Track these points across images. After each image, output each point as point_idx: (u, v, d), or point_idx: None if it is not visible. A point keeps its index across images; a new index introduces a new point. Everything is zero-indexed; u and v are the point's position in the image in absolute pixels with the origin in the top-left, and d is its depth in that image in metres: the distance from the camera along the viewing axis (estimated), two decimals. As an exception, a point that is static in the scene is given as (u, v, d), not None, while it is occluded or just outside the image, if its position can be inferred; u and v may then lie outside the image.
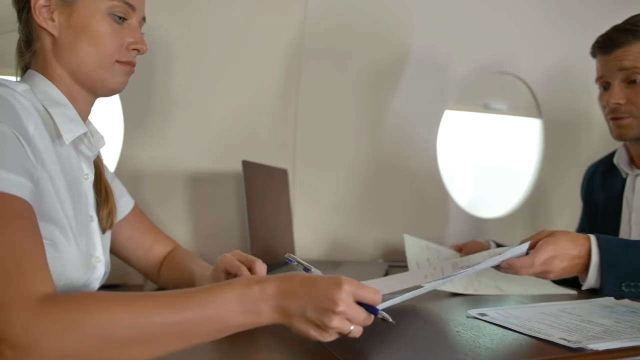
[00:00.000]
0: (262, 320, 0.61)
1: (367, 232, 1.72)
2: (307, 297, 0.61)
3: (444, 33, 1.71)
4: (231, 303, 0.60)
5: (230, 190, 1.52)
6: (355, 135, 1.69)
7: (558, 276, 0.90)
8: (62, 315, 0.54)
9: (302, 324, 0.61)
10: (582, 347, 0.66)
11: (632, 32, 1.12)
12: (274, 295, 0.61)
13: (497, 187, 2.02)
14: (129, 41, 0.86)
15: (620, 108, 1.14)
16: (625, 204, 1.22)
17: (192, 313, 0.58)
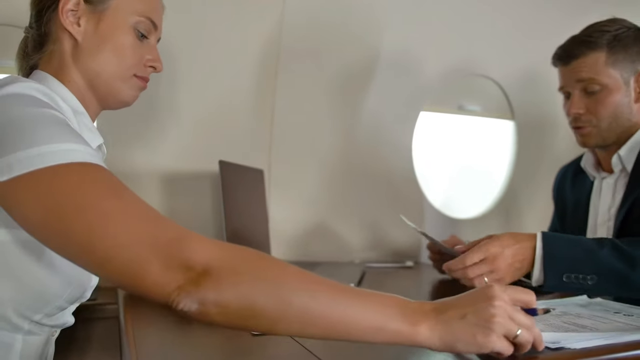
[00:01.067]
0: (420, 333, 0.59)
1: (343, 233, 1.72)
2: (464, 303, 0.61)
3: (419, 36, 1.73)
4: (393, 307, 0.60)
5: (206, 190, 1.51)
6: (331, 135, 1.69)
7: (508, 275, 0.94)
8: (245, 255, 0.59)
9: (465, 330, 0.59)
10: (562, 346, 0.67)
11: (587, 43, 1.14)
12: (430, 311, 0.60)
13: (471, 188, 2.05)
14: (148, 58, 0.87)
15: (581, 118, 1.17)
16: (592, 207, 1.25)
17: (358, 305, 0.58)
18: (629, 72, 1.14)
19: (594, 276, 0.90)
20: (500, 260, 0.93)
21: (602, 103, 1.14)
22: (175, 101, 1.45)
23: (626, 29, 1.15)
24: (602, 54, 1.13)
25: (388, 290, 1.21)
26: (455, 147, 2.01)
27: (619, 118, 1.15)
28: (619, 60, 1.13)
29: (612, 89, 1.14)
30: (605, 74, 1.13)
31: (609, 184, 1.20)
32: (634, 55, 1.14)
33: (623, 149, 1.16)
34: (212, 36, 1.47)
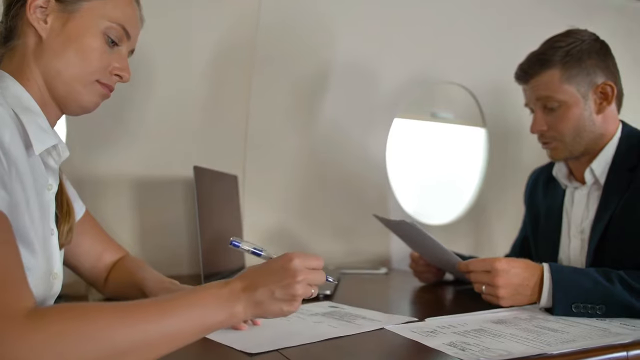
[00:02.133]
0: (238, 317, 0.67)
1: (317, 238, 1.71)
2: (270, 281, 0.69)
3: (394, 43, 1.74)
4: (210, 305, 0.64)
5: (178, 197, 1.49)
6: (304, 142, 1.68)
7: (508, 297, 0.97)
8: (63, 327, 0.53)
9: (274, 305, 0.69)
10: (544, 352, 0.68)
11: (541, 61, 1.16)
12: (241, 292, 0.67)
13: (443, 195, 2.07)
14: (115, 66, 0.85)
15: (545, 134, 1.20)
16: (565, 216, 1.27)
17: (180, 317, 0.61)
18: (586, 86, 1.15)
19: (603, 306, 0.91)
20: (501, 278, 0.96)
21: (562, 119, 1.16)
22: (147, 105, 1.43)
23: (580, 42, 1.15)
24: (555, 71, 1.14)
25: (366, 296, 1.23)
26: (428, 154, 2.03)
27: (582, 131, 1.16)
28: (573, 76, 1.14)
29: (570, 104, 1.15)
30: (560, 90, 1.14)
31: (582, 194, 1.21)
32: (589, 68, 1.14)
33: (595, 163, 1.17)
34: (186, 40, 1.45)
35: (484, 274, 0.99)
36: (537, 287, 0.97)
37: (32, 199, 0.70)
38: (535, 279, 0.97)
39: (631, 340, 0.74)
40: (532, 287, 0.97)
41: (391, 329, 0.83)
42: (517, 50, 1.87)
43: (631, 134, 1.18)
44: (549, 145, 1.21)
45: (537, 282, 0.96)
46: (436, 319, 0.90)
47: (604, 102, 1.16)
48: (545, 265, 0.97)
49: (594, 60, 1.15)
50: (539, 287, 0.96)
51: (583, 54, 1.14)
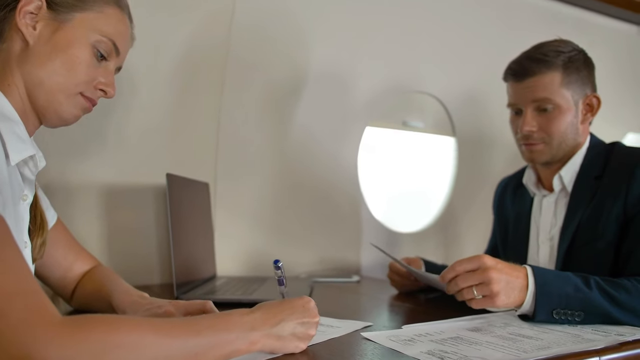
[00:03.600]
0: (256, 347, 0.67)
1: (288, 247, 1.71)
2: (293, 318, 0.71)
3: (364, 52, 1.76)
4: (234, 331, 0.65)
5: (149, 204, 1.46)
6: (276, 150, 1.68)
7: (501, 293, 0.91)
8: (96, 336, 0.53)
9: (292, 342, 0.71)
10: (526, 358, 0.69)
11: (544, 62, 1.15)
12: (263, 324, 0.68)
13: (413, 203, 2.09)
14: (100, 80, 0.83)
15: (533, 135, 1.18)
16: (533, 223, 1.29)
17: (204, 338, 0.62)
18: (579, 95, 1.18)
19: (582, 313, 0.91)
20: (493, 272, 0.90)
21: (553, 121, 1.17)
22: (116, 111, 1.40)
23: (577, 52, 1.18)
24: (558, 74, 1.15)
25: (340, 304, 1.23)
26: (399, 163, 2.05)
27: (568, 137, 1.19)
28: (572, 82, 1.16)
29: (564, 109, 1.16)
30: (559, 94, 1.16)
31: (550, 202, 1.24)
32: (584, 78, 1.18)
33: (564, 170, 1.20)
34: (157, 45, 1.43)
35: (471, 274, 0.92)
36: (523, 290, 0.92)
37: (9, 209, 0.68)
38: (521, 280, 0.92)
39: (603, 346, 0.76)
40: (519, 289, 0.92)
41: (369, 337, 0.82)
42: (486, 60, 1.94)
43: (597, 144, 1.22)
44: (534, 147, 1.20)
45: (523, 285, 0.92)
46: (413, 327, 0.90)
47: (589, 113, 1.21)
48: (528, 268, 0.94)
49: (587, 72, 1.19)
50: (524, 290, 0.92)
51: (580, 63, 1.17)
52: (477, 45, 1.94)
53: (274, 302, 0.74)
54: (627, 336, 0.81)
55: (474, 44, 1.93)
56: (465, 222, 2.04)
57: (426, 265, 1.39)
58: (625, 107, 2.34)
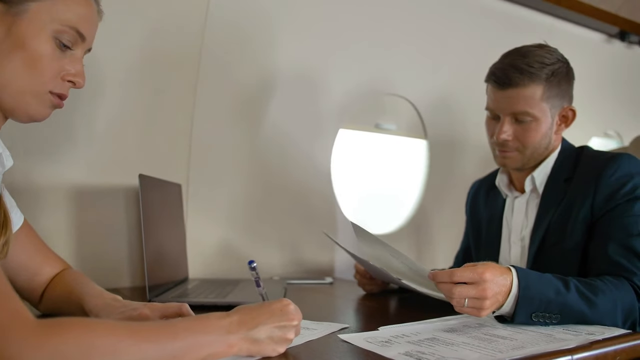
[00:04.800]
0: (232, 351, 0.66)
1: (261, 249, 1.70)
2: (270, 321, 0.70)
3: (338, 55, 1.76)
4: (211, 334, 0.64)
5: (119, 205, 1.43)
6: (249, 151, 1.67)
7: (491, 306, 0.89)
8: (72, 339, 0.52)
9: (269, 345, 0.69)
10: (502, 358, 0.70)
11: (528, 73, 1.14)
12: (240, 327, 0.67)
13: (386, 205, 2.10)
14: (68, 71, 0.78)
15: (508, 143, 1.19)
16: (505, 224, 1.31)
17: (181, 341, 0.61)
18: (557, 107, 1.19)
19: (559, 315, 0.92)
20: (491, 289, 0.88)
21: (529, 132, 1.17)
22: (87, 110, 1.37)
23: (562, 65, 1.18)
24: (539, 87, 1.15)
25: (314, 306, 1.22)
26: (372, 165, 2.06)
27: (541, 147, 1.20)
28: (552, 97, 1.17)
29: (541, 121, 1.17)
30: (539, 107, 1.16)
31: (521, 203, 1.27)
32: (563, 91, 1.19)
33: (536, 172, 1.22)
34: (130, 44, 1.41)
35: (468, 287, 0.88)
36: (506, 295, 0.91)
37: None
38: (507, 288, 0.90)
39: (575, 345, 0.77)
40: (503, 295, 0.90)
41: (347, 339, 0.82)
42: (458, 65, 1.97)
43: (567, 148, 1.25)
44: (507, 154, 1.21)
45: (508, 291, 0.91)
46: (389, 328, 0.90)
47: (563, 124, 1.23)
48: (513, 272, 0.92)
49: (567, 85, 1.20)
50: (507, 295, 0.91)
51: (562, 76, 1.17)
52: (449, 50, 1.97)
53: (252, 305, 0.72)
54: (597, 335, 0.83)
55: (446, 48, 1.96)
56: (438, 223, 2.06)
57: None
58: (591, 112, 2.41)
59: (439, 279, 0.91)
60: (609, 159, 1.14)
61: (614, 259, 1.05)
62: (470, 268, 0.89)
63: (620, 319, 0.96)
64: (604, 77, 2.41)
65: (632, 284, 1.01)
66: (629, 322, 0.98)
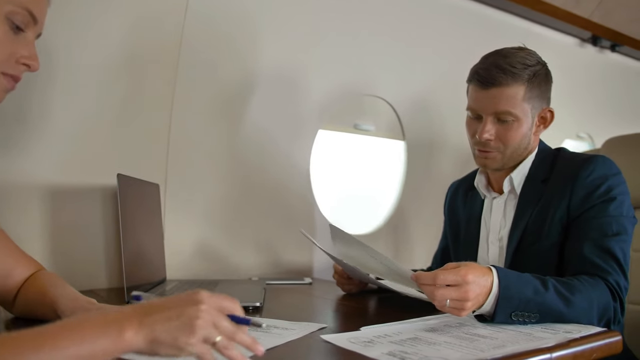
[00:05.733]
0: (128, 344, 0.57)
1: (240, 249, 1.68)
2: (169, 307, 0.60)
3: (319, 56, 1.76)
4: (90, 330, 0.57)
5: (96, 205, 1.40)
6: (228, 151, 1.65)
7: (472, 307, 0.90)
8: None
9: (169, 333, 0.58)
10: (480, 358, 0.70)
11: (511, 73, 1.16)
12: (134, 316, 0.58)
13: (364, 205, 2.11)
14: (22, 54, 0.76)
15: (490, 143, 1.21)
16: (483, 224, 1.33)
17: (56, 347, 0.54)
18: (536, 108, 1.21)
19: (537, 315, 0.93)
20: (471, 292, 0.88)
21: (511, 132, 1.19)
22: (63, 106, 1.34)
23: (541, 66, 1.20)
24: (521, 87, 1.17)
25: (294, 307, 1.22)
26: (350, 165, 2.07)
27: (520, 147, 1.22)
28: (533, 97, 1.19)
29: (522, 121, 1.19)
30: (520, 107, 1.17)
31: (499, 203, 1.29)
32: (543, 93, 1.21)
33: (514, 172, 1.25)
34: (108, 40, 1.38)
35: (450, 289, 0.88)
36: (487, 295, 0.92)
37: None
38: (488, 288, 0.92)
39: (554, 343, 0.79)
40: (484, 295, 0.91)
41: (329, 339, 0.82)
42: (437, 67, 1.98)
43: (544, 150, 1.28)
44: (488, 155, 1.23)
45: (488, 291, 0.92)
46: (371, 328, 0.90)
47: (542, 125, 1.25)
48: (493, 271, 0.93)
49: (546, 87, 1.22)
50: (487, 295, 0.92)
51: (542, 78, 1.20)
52: (428, 52, 1.98)
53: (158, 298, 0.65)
54: (574, 333, 0.85)
55: (425, 50, 1.97)
56: (416, 223, 2.08)
57: None
58: (564, 114, 2.45)
59: (422, 281, 0.91)
60: (584, 160, 1.17)
61: (589, 258, 1.07)
62: (453, 270, 0.90)
63: (596, 317, 0.99)
64: (576, 80, 2.46)
65: (607, 283, 1.03)
66: (604, 320, 1.01)
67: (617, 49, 2.44)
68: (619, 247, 1.07)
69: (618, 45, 2.41)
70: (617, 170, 1.16)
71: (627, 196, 1.14)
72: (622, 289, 1.05)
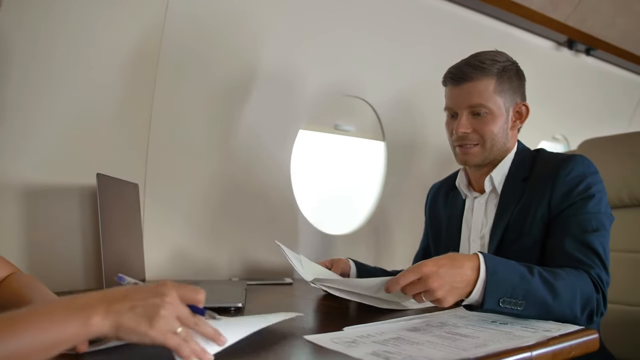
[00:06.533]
0: (95, 328, 0.59)
1: (221, 250, 1.67)
2: (134, 297, 0.62)
3: (300, 56, 1.76)
4: (57, 315, 0.58)
5: (73, 205, 1.38)
6: (210, 150, 1.64)
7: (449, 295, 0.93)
8: None
9: (132, 319, 0.61)
10: (463, 357, 0.71)
11: (481, 68, 1.24)
12: (99, 302, 0.60)
13: (345, 205, 2.12)
14: None
15: (468, 136, 1.26)
16: (464, 224, 1.36)
17: (21, 336, 0.55)
18: (510, 102, 1.27)
19: (524, 302, 0.95)
20: (434, 281, 0.91)
21: (486, 124, 1.25)
22: (41, 106, 1.31)
23: (511, 63, 1.27)
24: (492, 81, 1.24)
25: (273, 306, 1.21)
26: (331, 166, 2.07)
27: (499, 141, 1.27)
28: (504, 90, 1.25)
29: (496, 114, 1.25)
30: (492, 100, 1.24)
31: (481, 203, 1.32)
32: (515, 88, 1.27)
33: (494, 172, 1.28)
34: (87, 39, 1.36)
35: (414, 285, 0.94)
36: (470, 284, 0.94)
37: None
38: (467, 277, 0.94)
39: (534, 341, 0.80)
40: (465, 284, 0.94)
41: (313, 340, 0.82)
42: (417, 69, 2.00)
43: (524, 150, 1.32)
44: (469, 149, 1.27)
45: (470, 280, 0.94)
46: (353, 328, 0.91)
47: (518, 120, 1.30)
48: (480, 258, 0.96)
49: (518, 83, 1.28)
50: (474, 279, 0.94)
51: (512, 73, 1.27)
52: (408, 54, 2.00)
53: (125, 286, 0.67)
54: (554, 332, 0.87)
55: (405, 52, 1.99)
56: (397, 224, 2.09)
57: (357, 267, 1.41)
58: (540, 116, 2.50)
59: (391, 290, 0.96)
60: (564, 160, 1.21)
61: (571, 253, 1.11)
62: (410, 268, 0.95)
63: (579, 305, 1.01)
64: (552, 83, 2.51)
65: (590, 276, 1.07)
66: (587, 310, 1.03)
67: (592, 52, 2.49)
68: (599, 242, 1.11)
69: (593, 49, 2.46)
70: (595, 169, 1.20)
71: (605, 194, 1.19)
72: (604, 282, 1.09)
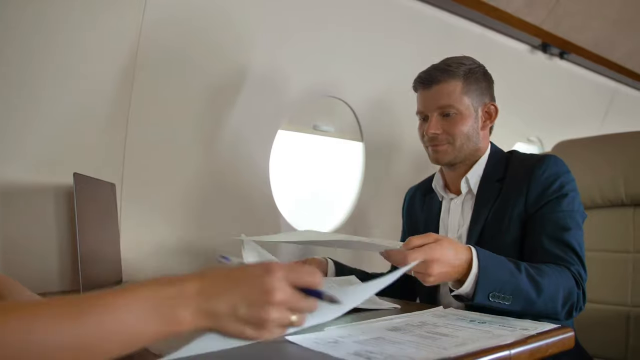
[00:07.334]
0: (183, 328, 0.51)
1: (199, 250, 1.66)
2: (236, 292, 0.52)
3: (280, 56, 1.75)
4: (141, 310, 0.50)
5: (47, 205, 1.35)
6: (189, 150, 1.62)
7: (437, 280, 0.97)
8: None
9: (235, 324, 0.52)
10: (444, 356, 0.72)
11: (448, 71, 1.29)
12: (195, 296, 0.52)
13: (324, 205, 2.12)
14: None
15: (438, 137, 1.30)
16: (441, 225, 1.38)
17: (92, 324, 0.48)
18: (478, 103, 1.32)
19: (511, 297, 0.98)
20: (436, 266, 0.94)
21: (456, 124, 1.29)
22: (15, 104, 1.28)
23: (477, 66, 1.33)
24: (459, 82, 1.28)
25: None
26: (310, 166, 2.07)
27: (470, 140, 1.31)
28: (471, 91, 1.30)
29: (465, 114, 1.29)
30: (460, 101, 1.28)
31: (457, 204, 1.34)
32: (483, 89, 1.32)
33: (470, 173, 1.32)
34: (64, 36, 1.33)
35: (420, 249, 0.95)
36: (464, 272, 0.98)
37: None
38: (465, 264, 0.98)
39: (512, 340, 0.82)
40: (459, 273, 0.98)
41: (295, 340, 0.82)
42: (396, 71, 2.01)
43: (497, 151, 1.36)
44: (439, 148, 1.31)
45: (465, 269, 0.98)
46: (334, 329, 0.91)
47: (487, 120, 1.34)
48: (473, 252, 0.99)
49: (486, 84, 1.33)
50: (466, 272, 0.98)
51: (479, 75, 1.31)
52: (387, 55, 2.01)
53: (222, 267, 0.56)
54: (531, 330, 0.89)
55: (384, 53, 2.00)
56: (376, 224, 2.10)
57: (336, 266, 1.42)
58: (515, 119, 2.55)
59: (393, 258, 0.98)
60: (538, 160, 1.25)
61: (551, 251, 1.14)
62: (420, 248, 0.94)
63: (561, 300, 1.05)
64: (527, 85, 2.55)
65: (572, 272, 1.11)
66: (568, 304, 1.08)
67: (566, 56, 2.54)
68: (574, 239, 1.15)
69: (566, 53, 2.51)
70: (567, 169, 1.25)
71: (577, 193, 1.23)
72: (583, 278, 1.13)
